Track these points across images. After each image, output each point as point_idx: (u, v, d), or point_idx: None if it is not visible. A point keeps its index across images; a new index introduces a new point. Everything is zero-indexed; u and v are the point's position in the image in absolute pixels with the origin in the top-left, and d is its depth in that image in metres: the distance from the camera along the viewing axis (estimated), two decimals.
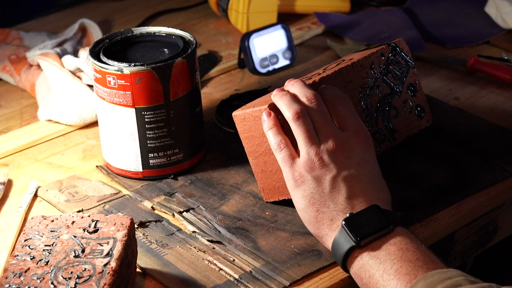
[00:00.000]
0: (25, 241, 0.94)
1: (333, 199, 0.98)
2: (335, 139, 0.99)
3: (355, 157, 0.99)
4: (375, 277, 0.92)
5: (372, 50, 1.16)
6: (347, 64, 1.12)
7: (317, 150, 0.99)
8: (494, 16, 1.54)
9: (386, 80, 1.15)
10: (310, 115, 1.00)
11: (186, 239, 1.06)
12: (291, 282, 0.99)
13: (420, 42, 1.47)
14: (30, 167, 1.22)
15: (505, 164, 1.16)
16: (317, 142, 0.99)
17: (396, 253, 0.92)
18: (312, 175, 0.98)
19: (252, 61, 1.42)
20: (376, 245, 0.93)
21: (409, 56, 1.18)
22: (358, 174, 0.99)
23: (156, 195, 1.14)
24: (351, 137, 1.00)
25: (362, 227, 0.94)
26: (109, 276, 0.89)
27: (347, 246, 0.94)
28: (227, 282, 0.99)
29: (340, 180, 0.98)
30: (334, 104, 1.02)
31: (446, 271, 0.89)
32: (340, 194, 0.97)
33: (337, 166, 0.98)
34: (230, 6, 1.55)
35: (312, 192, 0.98)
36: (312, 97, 1.01)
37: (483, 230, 1.14)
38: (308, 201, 0.99)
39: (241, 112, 1.08)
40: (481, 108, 1.30)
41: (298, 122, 1.00)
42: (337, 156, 0.98)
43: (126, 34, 1.20)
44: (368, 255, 0.93)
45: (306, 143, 0.99)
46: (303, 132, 0.99)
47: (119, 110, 1.14)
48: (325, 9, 1.61)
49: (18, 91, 1.42)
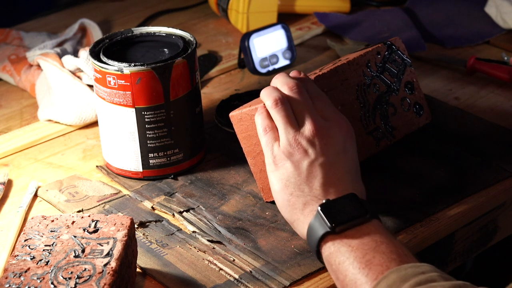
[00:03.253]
0: (25, 241, 0.94)
1: (309, 184, 0.97)
2: (315, 124, 0.99)
3: (335, 145, 0.99)
4: (345, 264, 0.90)
5: (368, 49, 1.16)
6: (342, 63, 1.12)
7: (295, 134, 0.98)
8: (494, 16, 1.54)
9: (383, 78, 1.15)
10: (291, 102, 1.01)
11: (186, 239, 1.06)
12: (291, 282, 0.99)
13: (420, 42, 1.47)
14: (30, 167, 1.22)
15: (505, 164, 1.16)
16: (296, 127, 0.99)
17: (370, 243, 0.91)
18: (290, 159, 0.98)
19: (252, 61, 1.42)
20: (350, 233, 0.92)
21: (406, 54, 1.18)
22: (336, 163, 0.98)
23: (156, 195, 1.15)
24: (332, 126, 1.00)
25: (338, 214, 0.93)
26: (109, 276, 0.89)
27: (322, 231, 0.93)
28: (227, 282, 0.99)
29: (317, 166, 0.97)
30: (313, 97, 1.02)
31: (420, 266, 0.87)
32: (316, 180, 0.97)
33: (315, 152, 0.98)
34: (230, 6, 1.55)
35: (288, 176, 0.98)
36: (293, 84, 1.02)
37: (483, 230, 1.14)
38: (284, 184, 0.98)
39: (237, 112, 1.08)
40: (481, 108, 1.30)
41: (277, 109, 1.00)
42: (316, 142, 0.98)
43: (126, 34, 1.20)
44: (341, 242, 0.92)
45: (284, 128, 0.99)
46: (282, 117, 0.99)
47: (119, 110, 1.14)
48: (325, 9, 1.61)
49: (18, 91, 1.42)
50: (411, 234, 1.05)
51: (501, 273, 1.61)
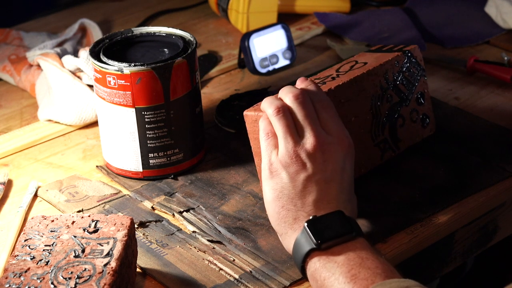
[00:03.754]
0: (25, 241, 0.94)
1: (302, 199, 0.96)
2: (317, 138, 0.97)
3: (334, 163, 0.97)
4: (331, 279, 0.90)
5: (387, 57, 1.14)
6: (362, 72, 1.10)
7: (295, 145, 0.97)
8: (494, 16, 1.54)
9: (398, 88, 1.14)
10: (294, 112, 0.99)
11: (186, 239, 1.06)
12: (291, 282, 0.99)
13: (420, 42, 1.47)
14: (30, 167, 1.22)
15: (505, 164, 1.16)
16: (296, 137, 0.98)
17: (355, 259, 0.90)
18: (286, 170, 0.97)
19: (252, 61, 1.42)
20: (336, 250, 0.92)
21: (422, 64, 1.17)
22: (332, 181, 0.97)
23: (156, 195, 1.14)
24: (333, 142, 0.98)
25: (324, 231, 0.92)
26: (109, 276, 0.89)
27: (307, 248, 0.92)
28: (227, 282, 0.99)
29: (314, 181, 0.96)
30: (318, 109, 1.00)
31: (404, 281, 0.87)
32: (310, 196, 0.96)
33: (313, 167, 0.96)
34: (230, 6, 1.55)
35: (282, 187, 0.97)
36: (298, 94, 1.00)
37: (483, 230, 1.14)
38: (276, 195, 0.97)
39: (253, 113, 1.05)
40: (481, 108, 1.30)
41: (277, 117, 0.99)
42: (315, 156, 0.97)
43: (126, 34, 1.20)
44: (327, 258, 0.91)
45: (284, 137, 0.98)
46: (282, 126, 0.98)
47: (119, 110, 1.14)
48: (325, 9, 1.61)
49: (18, 91, 1.42)
50: (411, 234, 1.05)
51: (501, 273, 1.61)
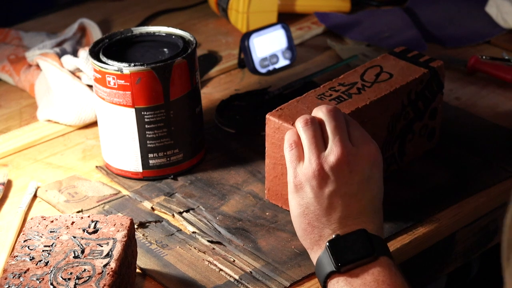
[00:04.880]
0: (24, 241, 0.94)
1: (327, 216, 0.94)
2: (342, 149, 0.95)
3: (360, 174, 0.95)
4: None
5: (414, 75, 1.12)
6: (388, 91, 1.09)
7: (319, 157, 0.95)
8: (495, 16, 1.54)
9: (416, 105, 1.13)
10: (323, 124, 0.97)
11: (186, 240, 1.06)
12: (292, 282, 0.99)
13: (421, 42, 1.47)
14: (30, 167, 1.22)
15: (505, 164, 1.16)
16: (321, 148, 0.95)
17: (371, 284, 0.90)
18: (311, 183, 0.95)
19: (252, 61, 1.42)
20: (355, 272, 0.91)
21: (443, 81, 1.16)
22: (359, 193, 0.95)
23: (156, 195, 1.14)
24: (360, 152, 0.96)
25: (346, 252, 0.91)
26: (109, 277, 0.89)
27: (328, 270, 0.92)
28: (227, 283, 0.99)
29: (339, 196, 0.94)
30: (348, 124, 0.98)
31: None
32: (336, 212, 0.94)
33: (338, 180, 0.94)
34: (230, 5, 1.55)
35: (308, 203, 0.95)
36: (331, 108, 0.98)
37: (484, 230, 1.14)
38: (303, 211, 0.95)
39: (276, 121, 1.04)
40: (481, 108, 1.30)
41: (305, 128, 0.97)
42: (340, 168, 0.94)
43: (125, 34, 1.20)
44: (345, 280, 0.91)
45: (309, 148, 0.96)
46: (309, 136, 0.96)
47: (118, 110, 1.14)
48: (325, 9, 1.61)
49: (18, 91, 1.42)
50: (411, 234, 1.05)
51: None
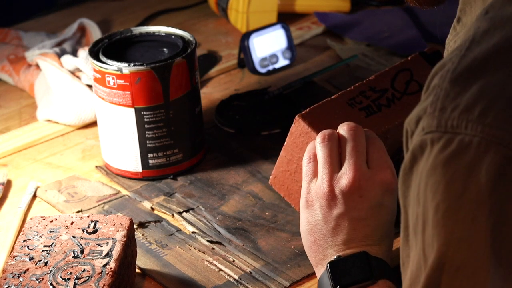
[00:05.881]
0: (24, 241, 0.94)
1: (333, 236, 0.93)
2: (355, 172, 0.92)
3: (371, 200, 0.93)
4: None
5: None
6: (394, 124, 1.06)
7: (331, 177, 0.93)
8: None
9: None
10: (343, 142, 0.95)
11: (186, 240, 1.06)
12: (291, 282, 0.99)
13: (421, 42, 1.47)
14: (29, 167, 1.22)
15: None
16: (334, 168, 0.94)
17: None
18: (320, 202, 0.93)
19: (252, 61, 1.41)
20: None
21: None
22: (367, 218, 0.93)
23: (155, 195, 1.14)
24: (374, 178, 0.93)
25: (344, 275, 0.90)
26: (108, 277, 0.89)
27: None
28: (226, 283, 0.99)
29: (346, 219, 0.92)
30: (369, 144, 0.96)
31: None
32: (341, 234, 0.93)
33: (347, 204, 0.92)
34: (230, 5, 1.54)
35: (316, 221, 0.94)
36: (353, 126, 0.96)
37: None
38: (310, 228, 0.94)
39: (305, 126, 1.02)
40: None
41: (322, 144, 0.95)
42: (351, 193, 0.92)
43: (125, 33, 1.20)
44: None
45: (323, 167, 0.94)
46: (324, 154, 0.94)
47: (118, 110, 1.13)
48: (325, 8, 1.61)
49: (17, 91, 1.42)
50: None
51: None
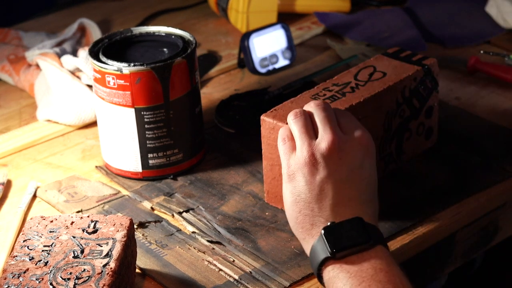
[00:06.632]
0: (24, 241, 0.94)
1: (319, 203, 0.94)
2: (333, 137, 0.96)
3: (351, 161, 0.96)
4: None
5: (407, 72, 1.12)
6: (382, 88, 1.09)
7: (310, 145, 0.96)
8: (495, 16, 1.54)
9: (411, 103, 1.13)
10: (313, 116, 0.98)
11: (186, 240, 1.06)
12: (291, 282, 0.98)
13: (421, 42, 1.47)
14: (29, 167, 1.22)
15: (505, 164, 1.16)
16: (312, 137, 0.96)
17: (368, 271, 0.89)
18: (302, 171, 0.95)
19: (252, 61, 1.42)
20: (351, 259, 0.90)
21: (437, 79, 1.16)
22: (350, 180, 0.95)
23: (155, 195, 1.14)
24: (351, 140, 0.97)
25: (341, 239, 0.91)
26: (108, 277, 0.89)
27: (322, 256, 0.91)
28: (227, 283, 0.99)
29: (330, 183, 0.94)
30: (338, 115, 0.99)
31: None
32: (327, 199, 0.94)
33: (329, 167, 0.95)
34: (230, 5, 1.55)
35: (299, 191, 0.95)
36: (320, 102, 1.00)
37: (484, 230, 1.14)
38: (294, 199, 0.96)
39: (271, 121, 1.05)
40: (481, 108, 1.30)
41: (295, 120, 0.98)
42: (331, 156, 0.95)
43: (125, 34, 1.20)
44: (340, 267, 0.90)
45: (300, 138, 0.97)
46: (299, 127, 0.97)
47: (118, 110, 1.13)
48: (325, 8, 1.61)
49: (17, 91, 1.42)
50: (411, 234, 1.05)
51: (510, 270, 1.60)
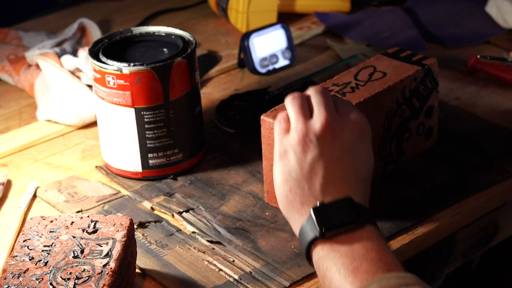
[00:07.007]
0: (24, 241, 0.94)
1: (309, 182, 0.94)
2: (327, 117, 0.95)
3: (344, 142, 0.95)
4: (332, 270, 0.88)
5: (407, 72, 1.12)
6: (382, 88, 1.09)
7: (304, 125, 0.95)
8: (495, 16, 1.54)
9: (411, 103, 1.13)
10: (310, 99, 0.98)
11: (186, 240, 1.06)
12: (291, 282, 0.98)
13: (421, 42, 1.47)
14: (29, 167, 1.22)
15: (505, 164, 1.16)
16: (307, 117, 0.96)
17: (359, 250, 0.89)
18: (294, 150, 0.95)
19: (252, 61, 1.42)
20: (341, 239, 0.90)
21: (437, 79, 1.16)
22: (342, 161, 0.95)
23: (155, 195, 1.14)
24: (346, 122, 0.96)
25: (330, 219, 0.90)
26: (108, 277, 0.89)
27: (312, 236, 0.91)
28: (226, 283, 0.99)
29: (321, 162, 0.94)
30: (336, 102, 0.99)
31: (404, 276, 0.85)
32: (317, 178, 0.94)
33: (321, 146, 0.94)
34: (230, 5, 1.54)
35: (290, 169, 0.95)
36: (320, 87, 0.99)
37: (484, 230, 1.14)
38: (285, 178, 0.95)
39: (271, 121, 1.05)
40: (481, 108, 1.30)
41: (292, 101, 0.98)
42: (324, 136, 0.95)
43: (125, 33, 1.20)
44: (331, 247, 0.90)
45: (295, 118, 0.96)
46: (294, 107, 0.97)
47: (118, 110, 1.13)
48: (325, 8, 1.61)
49: (17, 91, 1.42)
50: (411, 234, 1.05)
51: (509, 270, 1.60)
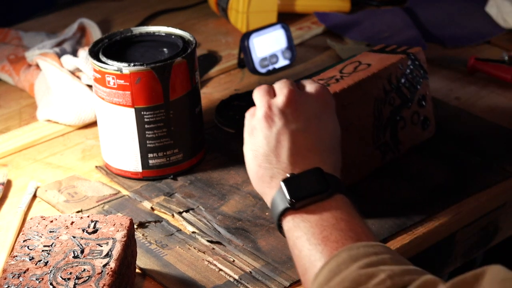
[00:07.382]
0: (24, 241, 0.94)
1: (276, 155, 0.95)
2: (290, 90, 0.97)
3: (306, 112, 0.97)
4: (302, 239, 0.89)
5: (391, 60, 1.13)
6: (367, 75, 1.10)
7: (267, 102, 0.97)
8: (495, 16, 1.54)
9: (401, 91, 1.13)
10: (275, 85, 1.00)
11: (186, 240, 1.06)
12: (291, 282, 0.98)
13: (421, 42, 1.47)
14: (29, 167, 1.22)
15: (505, 164, 1.16)
16: (271, 97, 0.98)
17: (329, 220, 0.89)
18: (260, 126, 0.96)
19: (252, 61, 1.42)
20: (311, 209, 0.90)
21: (425, 67, 1.16)
22: (306, 130, 0.96)
23: (155, 195, 1.14)
24: (307, 94, 0.98)
25: (299, 189, 0.91)
26: (108, 277, 0.89)
27: (282, 207, 0.91)
28: (227, 283, 0.99)
29: (286, 134, 0.95)
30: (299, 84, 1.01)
31: (373, 245, 0.85)
32: (284, 150, 0.95)
33: (285, 118, 0.96)
34: (230, 5, 1.54)
35: (257, 145, 0.96)
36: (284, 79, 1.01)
37: (484, 230, 1.14)
38: (254, 155, 0.97)
39: None
40: (481, 108, 1.30)
41: (258, 89, 1.00)
42: (286, 109, 0.96)
43: (125, 34, 1.20)
44: (301, 217, 0.90)
45: (260, 100, 0.98)
46: (260, 93, 0.99)
47: (118, 110, 1.13)
48: (325, 8, 1.61)
49: (17, 91, 1.42)
50: (411, 234, 1.05)
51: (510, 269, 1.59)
